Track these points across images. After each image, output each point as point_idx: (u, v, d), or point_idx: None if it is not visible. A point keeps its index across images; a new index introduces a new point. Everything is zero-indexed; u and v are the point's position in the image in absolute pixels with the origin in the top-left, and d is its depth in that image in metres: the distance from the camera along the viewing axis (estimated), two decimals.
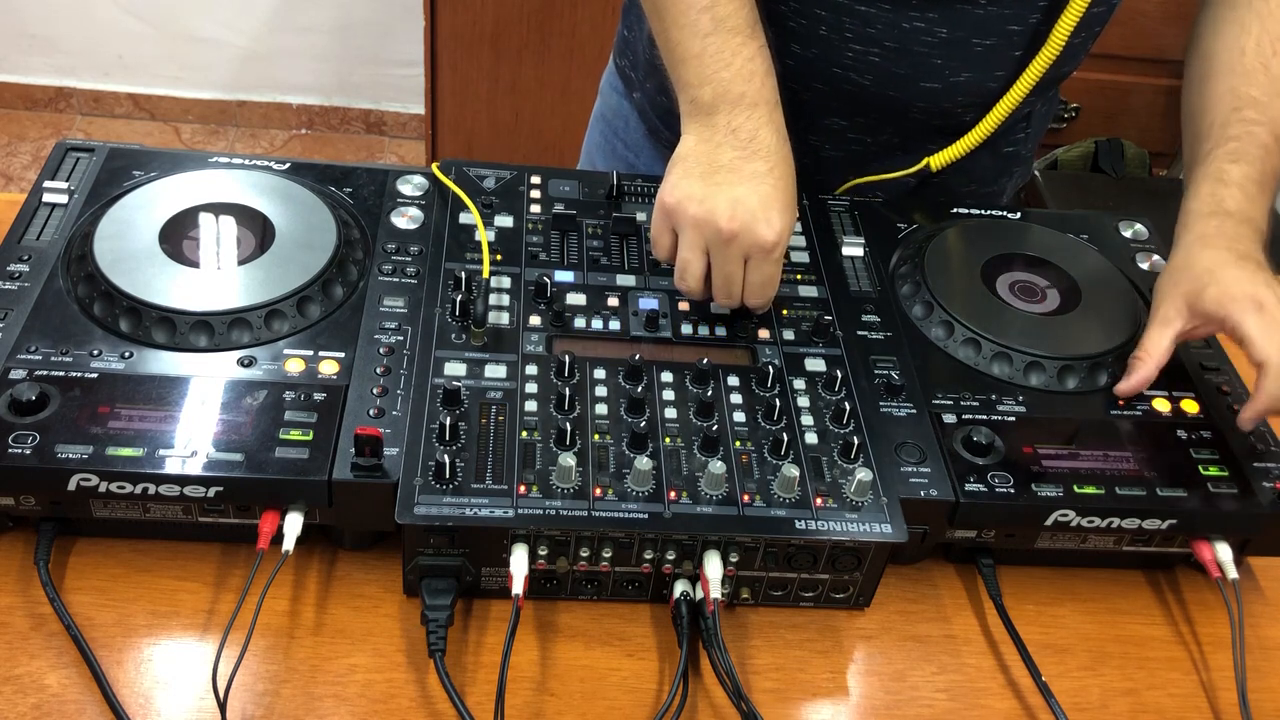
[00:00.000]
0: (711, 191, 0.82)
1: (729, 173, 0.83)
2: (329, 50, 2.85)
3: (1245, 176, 0.91)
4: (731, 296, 0.86)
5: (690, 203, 0.82)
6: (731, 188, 0.82)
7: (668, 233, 0.86)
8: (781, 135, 0.86)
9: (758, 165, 0.83)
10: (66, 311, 0.83)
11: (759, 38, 0.87)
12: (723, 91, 0.85)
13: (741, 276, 0.84)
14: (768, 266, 0.84)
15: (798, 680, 0.79)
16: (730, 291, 0.85)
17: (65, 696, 0.72)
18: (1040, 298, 0.96)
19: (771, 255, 0.83)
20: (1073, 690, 0.80)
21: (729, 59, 0.85)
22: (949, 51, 0.96)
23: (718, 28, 0.85)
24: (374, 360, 0.83)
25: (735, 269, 0.84)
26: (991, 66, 0.98)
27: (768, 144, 0.84)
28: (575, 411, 0.81)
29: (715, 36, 0.85)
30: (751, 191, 0.82)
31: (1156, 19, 2.37)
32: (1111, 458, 0.84)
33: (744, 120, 0.84)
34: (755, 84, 0.85)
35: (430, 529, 0.74)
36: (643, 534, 0.75)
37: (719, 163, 0.83)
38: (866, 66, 0.98)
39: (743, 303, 0.87)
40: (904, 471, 0.80)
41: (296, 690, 0.74)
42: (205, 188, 0.94)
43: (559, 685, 0.76)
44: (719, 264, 0.84)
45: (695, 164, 0.84)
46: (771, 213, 0.82)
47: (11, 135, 2.88)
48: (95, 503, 0.75)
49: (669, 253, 0.87)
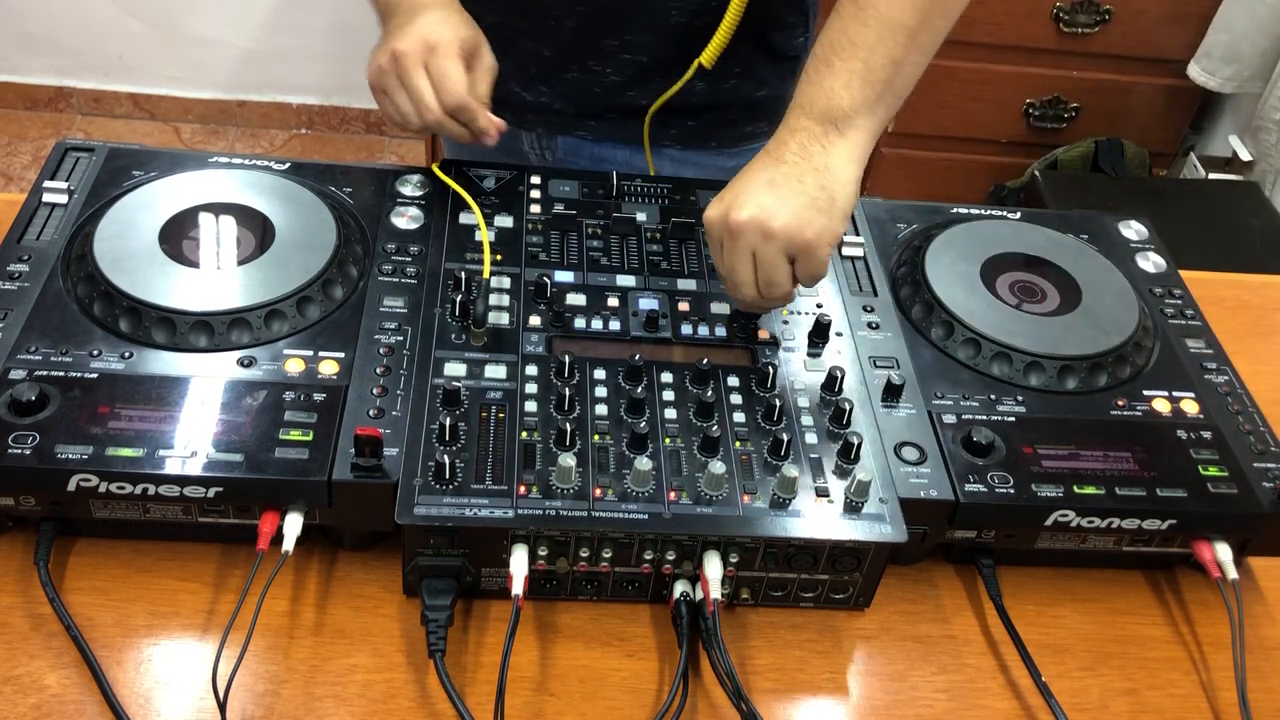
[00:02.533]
0: (385, 43, 0.92)
1: (397, 24, 0.93)
2: (329, 50, 2.85)
3: (812, 58, 0.86)
4: (428, 105, 0.90)
5: (375, 60, 0.93)
6: (398, 30, 0.92)
7: (382, 97, 0.94)
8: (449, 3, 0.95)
9: (418, 13, 0.93)
10: (66, 311, 0.83)
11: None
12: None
13: (428, 83, 0.90)
14: (440, 61, 0.90)
15: (798, 680, 0.79)
16: (424, 100, 0.90)
17: (65, 696, 0.72)
18: (1040, 298, 0.96)
19: (438, 50, 0.90)
20: (1073, 690, 0.80)
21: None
22: None
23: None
24: (374, 360, 0.83)
25: (416, 78, 0.90)
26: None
27: (427, 3, 0.94)
28: (575, 412, 0.81)
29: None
30: (414, 23, 0.91)
31: (1156, 19, 2.37)
32: (1111, 458, 0.84)
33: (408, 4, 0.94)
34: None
35: (430, 529, 0.74)
36: (643, 534, 0.75)
37: (389, 30, 0.95)
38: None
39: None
40: (904, 471, 0.80)
41: (296, 690, 0.74)
42: (205, 188, 0.94)
43: (559, 685, 0.76)
44: (405, 81, 0.91)
45: (378, 44, 0.95)
46: (433, 24, 0.91)
47: (11, 135, 2.88)
48: (95, 503, 0.75)
49: (394, 115, 0.94)
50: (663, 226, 0.99)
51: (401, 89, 0.91)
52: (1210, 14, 2.34)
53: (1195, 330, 0.97)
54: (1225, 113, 2.58)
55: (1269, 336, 1.14)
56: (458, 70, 0.90)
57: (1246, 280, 1.22)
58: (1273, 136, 2.34)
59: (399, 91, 0.91)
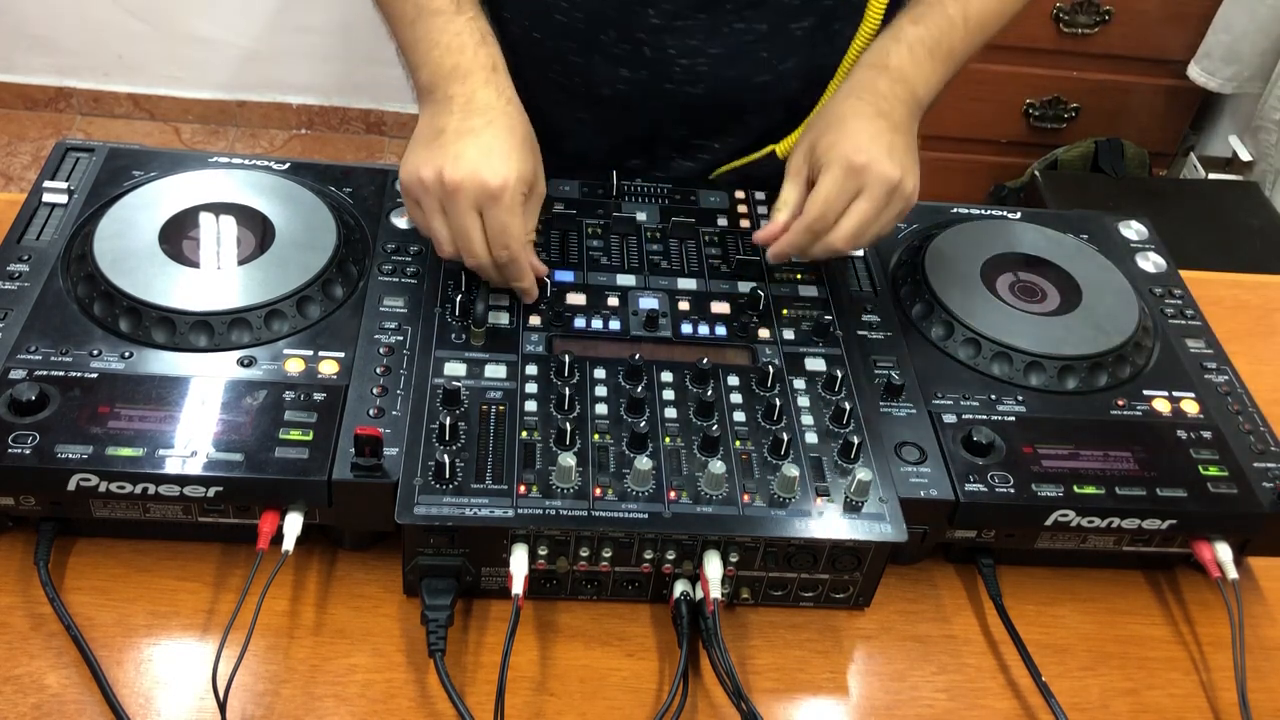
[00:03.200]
0: (433, 155, 0.82)
1: (449, 134, 0.83)
2: (329, 50, 2.85)
3: (918, 39, 0.91)
4: (475, 254, 0.84)
5: (419, 171, 0.82)
6: (453, 145, 0.82)
7: (417, 209, 0.86)
8: (503, 94, 0.86)
9: (475, 121, 0.84)
10: (66, 311, 0.83)
11: (466, 10, 0.88)
12: (434, 69, 0.86)
13: (480, 229, 0.83)
14: (500, 213, 0.82)
15: (798, 680, 0.79)
16: (471, 248, 0.83)
17: (65, 696, 0.72)
18: (1040, 298, 0.96)
19: (500, 201, 0.81)
20: (1073, 690, 0.80)
21: (435, 38, 0.86)
22: (772, 42, 0.98)
23: (420, 13, 0.87)
24: (374, 360, 0.83)
25: (468, 222, 0.82)
26: (818, 45, 0.99)
27: (486, 101, 0.85)
28: (575, 411, 0.81)
29: (420, 21, 0.87)
30: (471, 144, 0.82)
31: (1156, 19, 2.37)
32: (1111, 458, 0.83)
33: (459, 88, 0.85)
34: (467, 55, 0.86)
35: (430, 529, 0.74)
36: (643, 534, 0.75)
37: (439, 128, 0.84)
38: (697, 77, 1.00)
39: (494, 260, 0.85)
40: (904, 471, 0.80)
41: (296, 690, 0.74)
42: (205, 188, 0.94)
43: (559, 685, 0.76)
44: (453, 219, 0.83)
45: (419, 138, 0.85)
46: (494, 159, 0.81)
47: (11, 135, 2.87)
48: (95, 503, 0.75)
49: (425, 228, 0.86)
50: (663, 226, 0.99)
51: (443, 218, 0.83)
52: (1210, 14, 2.34)
53: (1195, 330, 0.97)
54: (1225, 113, 2.58)
55: (1269, 336, 1.14)
56: (518, 225, 0.83)
57: (1246, 280, 1.22)
58: (1273, 136, 2.34)
59: (439, 218, 0.84)
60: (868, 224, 0.86)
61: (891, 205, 0.86)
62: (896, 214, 0.88)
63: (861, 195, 0.85)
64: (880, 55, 0.91)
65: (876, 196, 0.85)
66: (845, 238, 0.86)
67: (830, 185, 0.85)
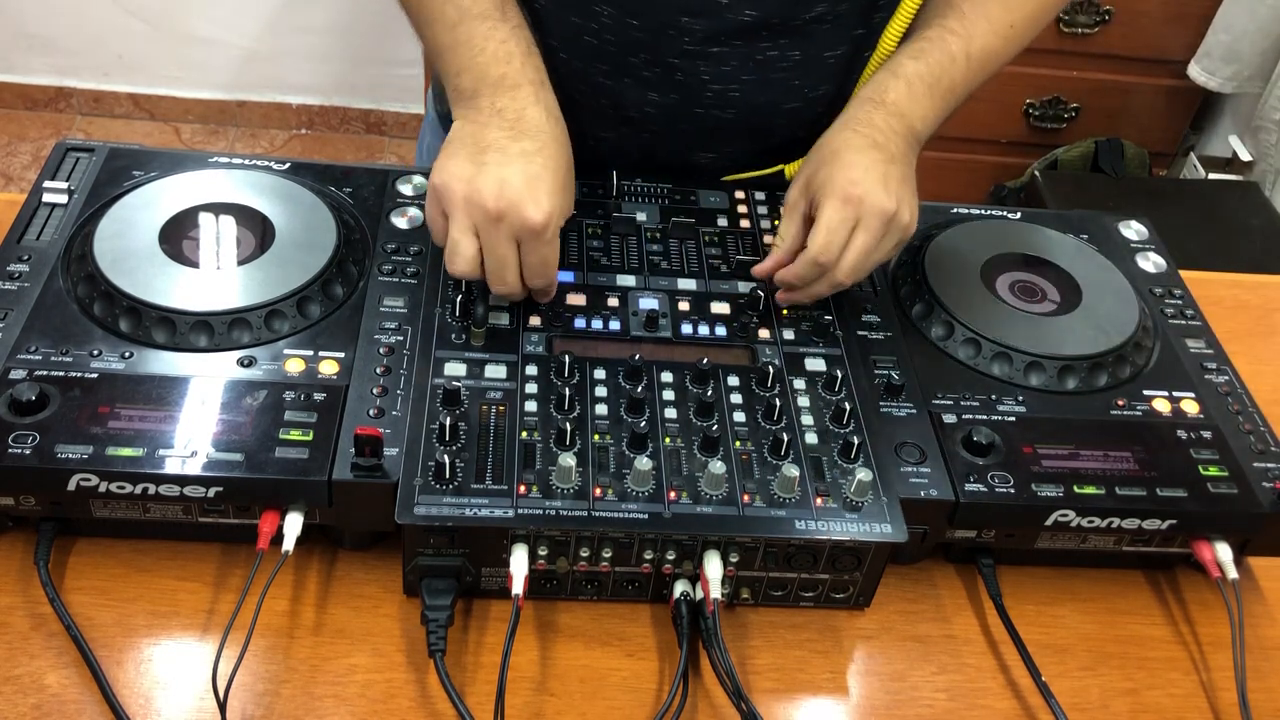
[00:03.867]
0: (477, 171, 0.80)
1: (496, 152, 0.81)
2: (329, 50, 2.85)
3: (917, 74, 0.91)
4: (506, 282, 0.82)
5: (457, 182, 0.80)
6: (499, 167, 0.80)
7: (439, 215, 0.83)
8: (551, 114, 0.85)
9: (525, 144, 0.81)
10: (66, 311, 0.83)
11: (511, 19, 0.86)
12: (479, 75, 0.84)
13: (515, 260, 0.82)
14: (541, 248, 0.81)
15: (798, 680, 0.79)
16: (504, 277, 0.82)
17: (65, 696, 0.72)
18: (1040, 298, 0.96)
19: (542, 236, 0.80)
20: (1073, 690, 0.80)
21: (481, 44, 0.85)
22: (805, 70, 0.98)
23: (463, 17, 0.85)
24: (374, 360, 0.83)
25: (506, 252, 0.81)
26: (849, 73, 0.99)
27: (535, 122, 0.83)
28: (575, 411, 0.81)
29: (464, 24, 0.85)
30: (519, 171, 0.80)
31: (1156, 19, 2.37)
32: (1111, 458, 0.84)
33: (508, 101, 0.83)
34: (515, 65, 0.84)
35: (430, 529, 0.74)
36: (643, 534, 0.75)
37: (485, 142, 0.82)
38: (727, 102, 0.99)
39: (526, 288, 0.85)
40: (904, 471, 0.80)
41: (296, 690, 0.74)
42: (205, 188, 0.94)
43: (559, 685, 0.76)
44: (489, 246, 0.81)
45: (462, 145, 0.82)
46: (540, 193, 0.79)
47: (11, 135, 2.88)
48: (95, 503, 0.75)
49: (442, 235, 0.83)
50: (663, 226, 0.99)
51: (472, 237, 0.81)
52: (1210, 14, 2.34)
53: (1195, 330, 0.97)
54: (1225, 113, 2.58)
55: (1269, 336, 1.14)
56: (555, 257, 0.82)
57: (1246, 280, 1.22)
58: (1273, 136, 2.34)
59: (468, 236, 0.81)
60: (867, 255, 0.86)
61: (889, 236, 0.86)
62: (894, 245, 0.88)
63: (859, 227, 0.85)
64: (878, 90, 0.91)
65: (873, 228, 0.85)
66: (847, 271, 0.86)
67: (831, 216, 0.84)
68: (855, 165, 0.86)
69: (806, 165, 0.90)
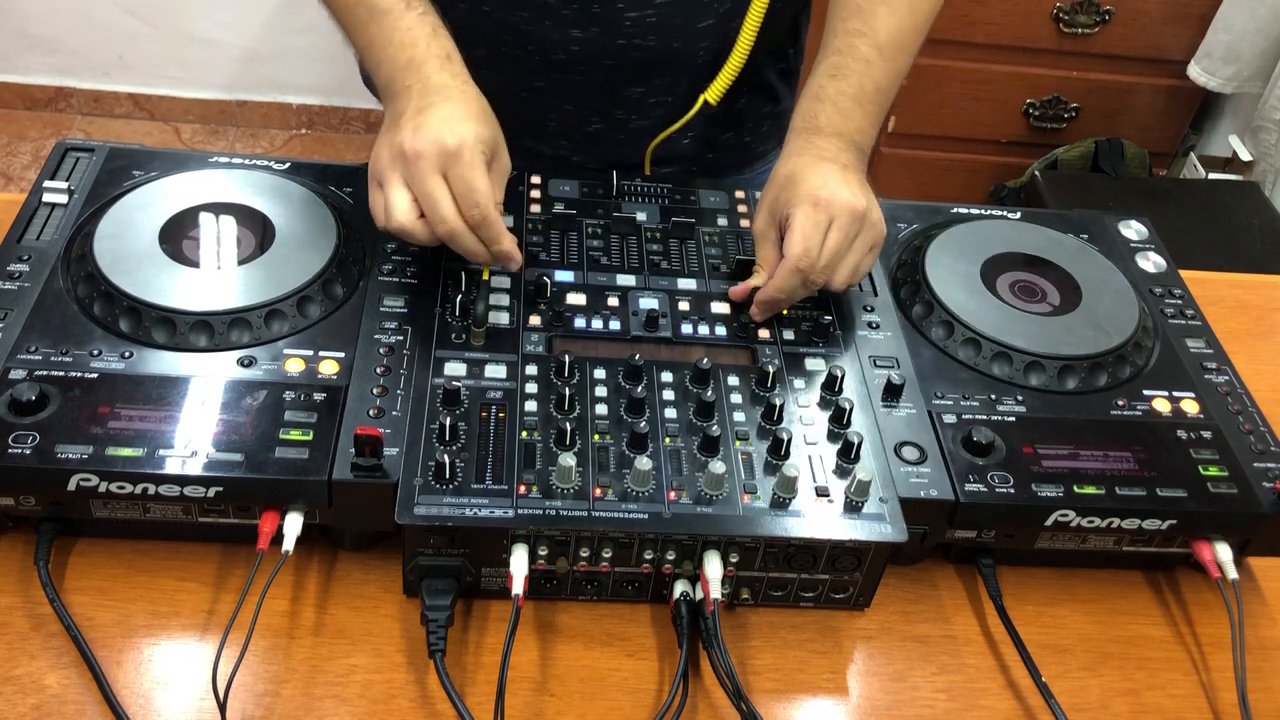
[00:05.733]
0: (392, 136, 0.83)
1: (408, 114, 0.84)
2: (329, 50, 2.85)
3: (840, 93, 0.94)
4: (444, 219, 0.82)
5: (382, 150, 0.84)
6: (409, 123, 0.83)
7: (376, 190, 0.85)
8: (457, 76, 0.87)
9: (431, 99, 0.85)
10: (66, 311, 0.83)
11: (416, 6, 0.90)
12: (391, 65, 0.88)
13: (447, 193, 0.82)
14: (463, 171, 0.81)
15: (798, 680, 0.79)
16: (439, 212, 0.81)
17: (65, 696, 0.72)
18: (1040, 298, 0.96)
19: (461, 159, 0.81)
20: (1073, 690, 0.80)
21: (389, 36, 0.88)
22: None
23: (371, 14, 0.90)
24: (374, 360, 0.83)
25: (434, 187, 0.81)
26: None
27: (440, 83, 0.86)
28: (575, 411, 0.81)
29: (372, 22, 0.90)
30: (431, 116, 0.83)
31: (1156, 19, 2.37)
32: (1111, 458, 0.84)
33: (415, 79, 0.87)
34: (420, 48, 0.88)
35: (430, 529, 0.74)
36: (643, 534, 0.75)
37: (398, 113, 0.85)
38: (646, 29, 1.01)
39: (469, 225, 0.83)
40: (904, 471, 0.80)
41: (296, 690, 0.74)
42: (205, 188, 0.94)
43: (559, 685, 0.76)
44: (418, 187, 0.82)
45: (385, 128, 0.86)
46: (453, 122, 0.82)
47: (11, 135, 2.88)
48: (95, 503, 0.75)
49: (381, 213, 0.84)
50: (663, 226, 0.99)
51: (408, 193, 0.82)
52: (1210, 14, 2.34)
53: (1195, 330, 0.97)
54: (1225, 113, 2.58)
55: (1269, 336, 1.14)
56: (483, 181, 0.82)
57: (1246, 280, 1.22)
58: (1273, 136, 2.34)
59: (403, 193, 0.82)
60: (841, 253, 0.87)
61: (863, 235, 0.88)
62: (869, 244, 0.89)
63: (832, 227, 0.87)
64: (808, 119, 0.94)
65: (844, 225, 0.87)
66: (826, 269, 0.87)
67: (803, 221, 0.86)
68: (814, 176, 0.88)
69: (765, 197, 0.92)
